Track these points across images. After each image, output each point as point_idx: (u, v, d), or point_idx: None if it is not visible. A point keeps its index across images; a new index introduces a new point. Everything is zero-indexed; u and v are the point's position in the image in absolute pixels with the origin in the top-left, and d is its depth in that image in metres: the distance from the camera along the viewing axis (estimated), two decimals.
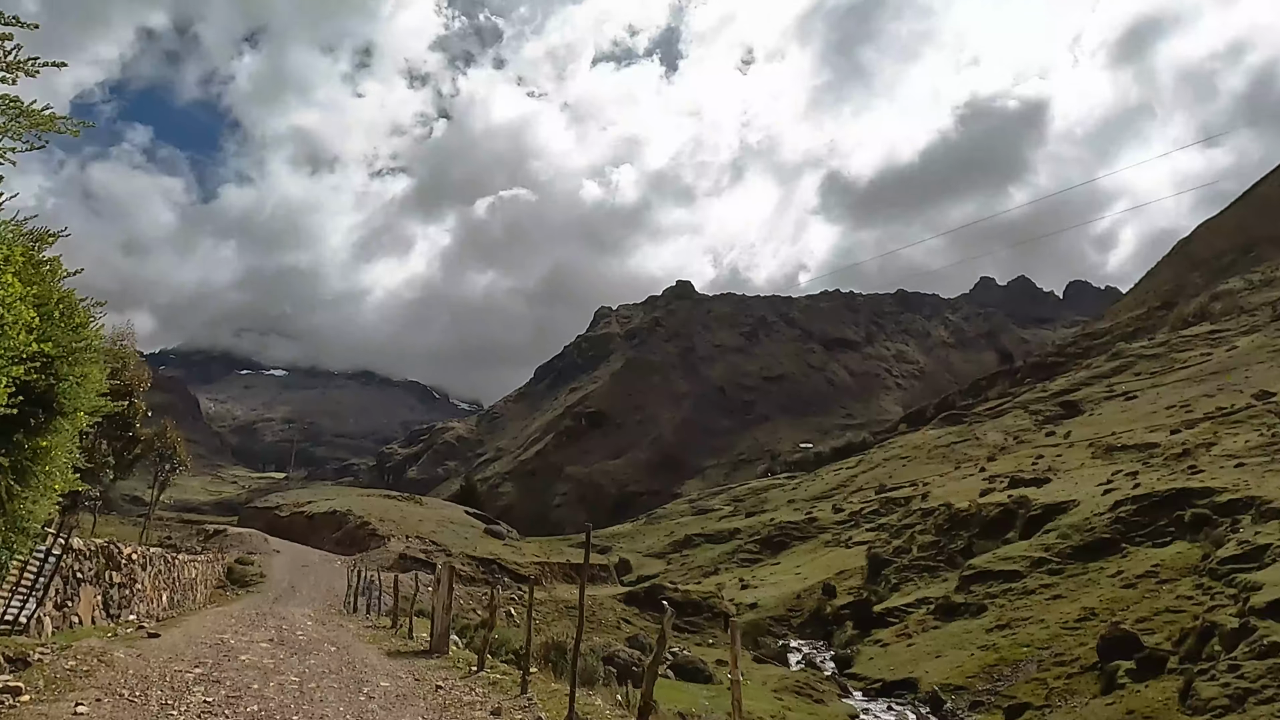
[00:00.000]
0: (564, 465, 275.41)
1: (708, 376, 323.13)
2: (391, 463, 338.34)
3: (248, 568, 37.80)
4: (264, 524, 58.57)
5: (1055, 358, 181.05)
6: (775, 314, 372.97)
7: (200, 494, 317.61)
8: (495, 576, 40.80)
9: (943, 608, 35.29)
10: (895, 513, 74.98)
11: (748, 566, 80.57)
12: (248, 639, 15.17)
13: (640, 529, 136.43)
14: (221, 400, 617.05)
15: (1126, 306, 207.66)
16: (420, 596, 22.22)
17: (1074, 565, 32.97)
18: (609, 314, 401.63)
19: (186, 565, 26.75)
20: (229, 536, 46.84)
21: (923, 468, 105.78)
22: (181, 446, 46.18)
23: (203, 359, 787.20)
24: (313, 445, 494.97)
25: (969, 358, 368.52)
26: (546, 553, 52.84)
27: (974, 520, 47.55)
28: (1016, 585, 33.33)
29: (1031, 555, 35.10)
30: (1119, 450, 67.49)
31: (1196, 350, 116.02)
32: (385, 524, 50.30)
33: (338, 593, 34.55)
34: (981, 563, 36.75)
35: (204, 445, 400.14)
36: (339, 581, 37.52)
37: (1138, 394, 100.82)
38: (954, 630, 32.46)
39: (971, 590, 34.89)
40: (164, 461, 45.83)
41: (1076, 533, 34.91)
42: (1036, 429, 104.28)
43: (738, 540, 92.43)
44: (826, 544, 78.07)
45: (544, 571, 43.87)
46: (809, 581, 61.90)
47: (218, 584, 34.32)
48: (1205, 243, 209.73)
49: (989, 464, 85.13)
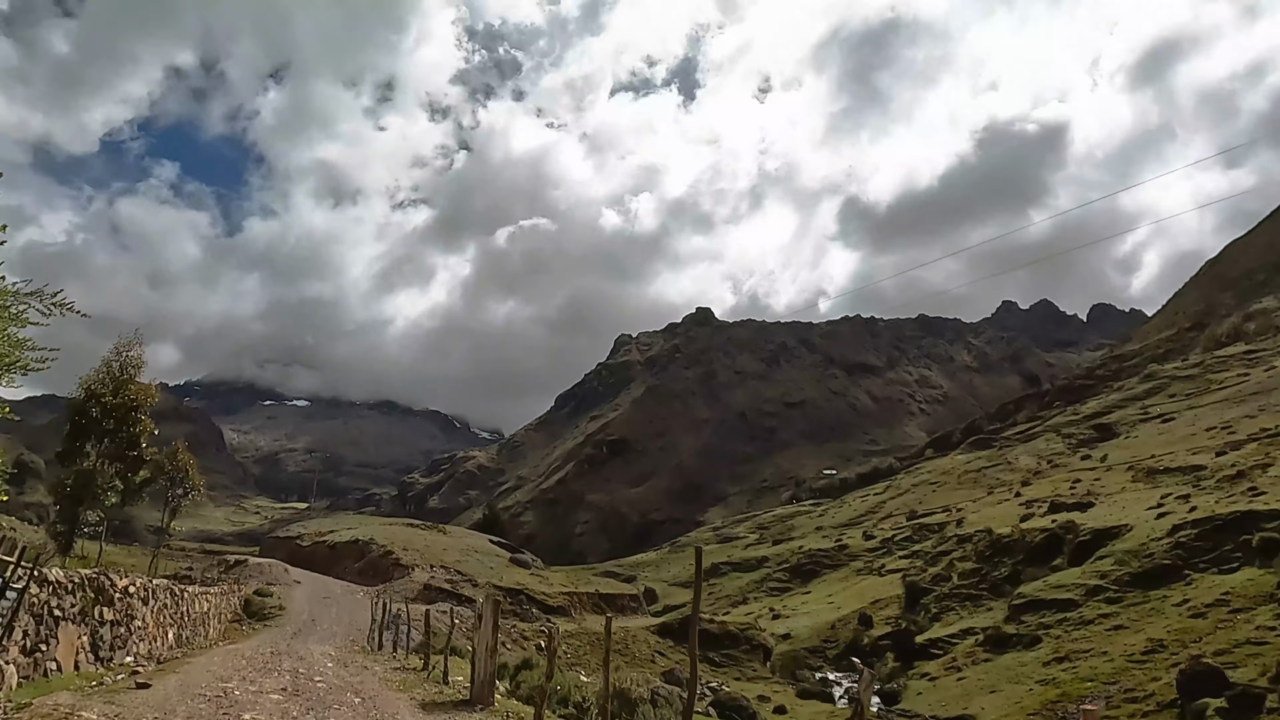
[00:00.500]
0: (585, 493, 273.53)
1: (729, 403, 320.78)
2: (413, 492, 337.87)
3: (266, 599, 36.11)
4: (285, 554, 57.47)
5: (1084, 380, 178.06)
6: (796, 339, 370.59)
7: (223, 524, 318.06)
8: (524, 608, 39.36)
9: (993, 639, 33.47)
10: (929, 539, 72.86)
11: (777, 595, 78.58)
12: (256, 688, 13.39)
13: (665, 557, 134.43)
14: (245, 431, 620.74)
15: (1155, 328, 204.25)
16: (448, 629, 20.65)
17: (1134, 593, 31.14)
18: (629, 341, 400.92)
19: (197, 598, 24.76)
20: (248, 567, 45.02)
21: (953, 493, 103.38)
22: (194, 470, 44.25)
23: (226, 390, 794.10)
24: (335, 475, 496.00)
25: (993, 382, 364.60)
26: (574, 582, 51.30)
27: (1017, 546, 45.68)
28: (1072, 615, 31.52)
29: (1086, 583, 33.30)
30: (1162, 473, 65.21)
31: (1233, 371, 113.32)
32: (409, 553, 48.95)
33: (360, 627, 32.63)
34: (1032, 591, 34.94)
35: (228, 476, 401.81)
36: (362, 614, 35.79)
37: (1175, 416, 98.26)
38: (1007, 663, 30.68)
39: (1023, 620, 33.08)
40: (175, 486, 43.57)
41: (1134, 559, 33.08)
42: (1070, 452, 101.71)
43: (766, 568, 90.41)
44: (858, 572, 75.97)
45: (572, 602, 42.41)
46: (843, 611, 59.97)
47: (233, 618, 32.32)
48: (1235, 262, 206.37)
49: (1024, 489, 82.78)
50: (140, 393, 33.20)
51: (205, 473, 58.35)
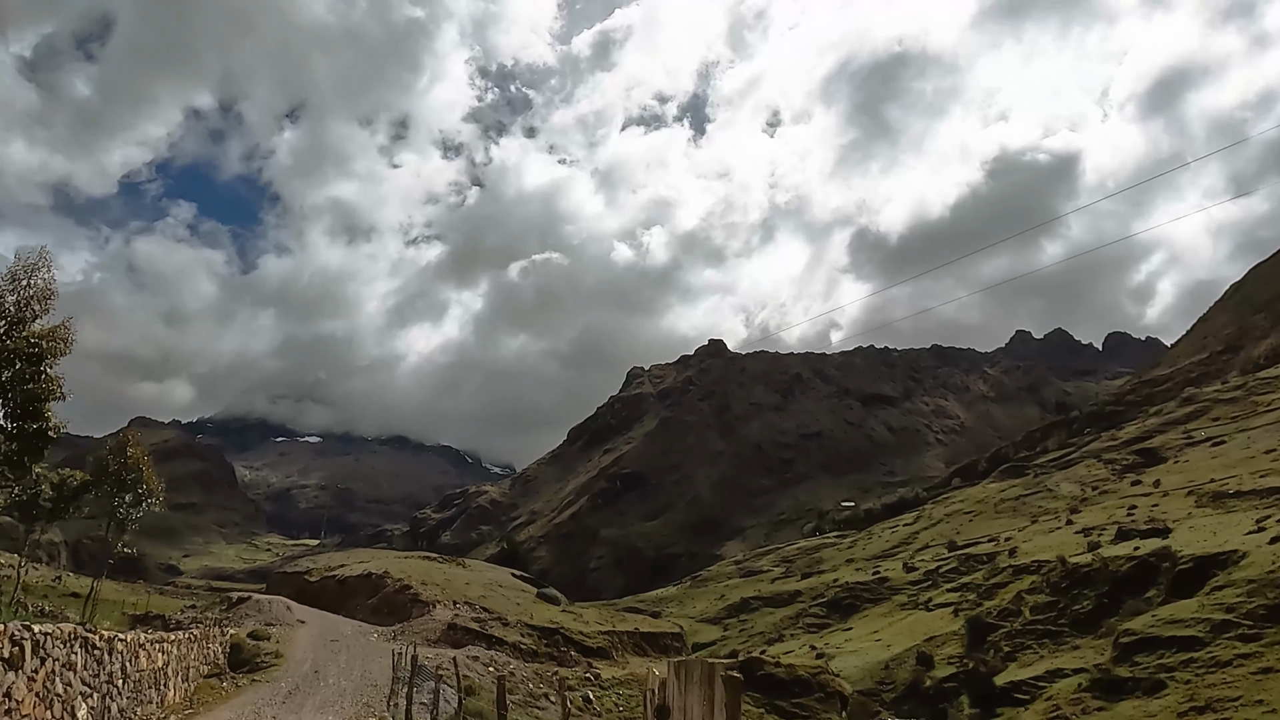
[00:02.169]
0: (599, 528, 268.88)
1: (744, 435, 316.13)
2: (425, 527, 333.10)
3: (261, 644, 29.80)
4: (293, 590, 53.12)
5: (1114, 406, 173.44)
6: (810, 370, 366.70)
7: (235, 562, 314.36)
8: (560, 650, 34.99)
9: (1102, 683, 29.08)
10: (978, 570, 68.12)
11: (815, 632, 73.77)
12: None
13: (687, 592, 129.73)
14: (257, 468, 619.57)
15: (1184, 352, 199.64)
16: (496, 687, 15.40)
17: (1274, 629, 26.91)
18: (642, 374, 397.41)
19: (144, 649, 17.41)
20: (248, 604, 39.48)
21: (992, 522, 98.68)
22: (151, 472, 35.65)
23: (239, 427, 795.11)
24: (346, 511, 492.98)
25: (1011, 412, 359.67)
26: (610, 621, 46.79)
27: (1100, 577, 41.22)
28: (1200, 655, 27.21)
29: (1209, 617, 29.00)
30: (1233, 497, 60.80)
31: (1279, 393, 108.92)
32: (429, 588, 44.52)
33: (376, 681, 25.95)
34: (1142, 627, 30.59)
35: (239, 513, 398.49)
36: (378, 663, 29.41)
37: (1225, 439, 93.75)
38: (1128, 713, 26.36)
39: (1136, 661, 28.78)
40: (123, 491, 34.07)
41: (1267, 589, 28.84)
42: (1116, 478, 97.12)
43: (800, 603, 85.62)
44: (902, 606, 71.19)
45: (613, 643, 37.98)
46: (894, 649, 55.31)
47: (212, 671, 25.30)
48: (1263, 286, 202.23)
49: (1074, 516, 78.17)
50: (49, 338, 22.34)
51: (217, 510, 53.74)
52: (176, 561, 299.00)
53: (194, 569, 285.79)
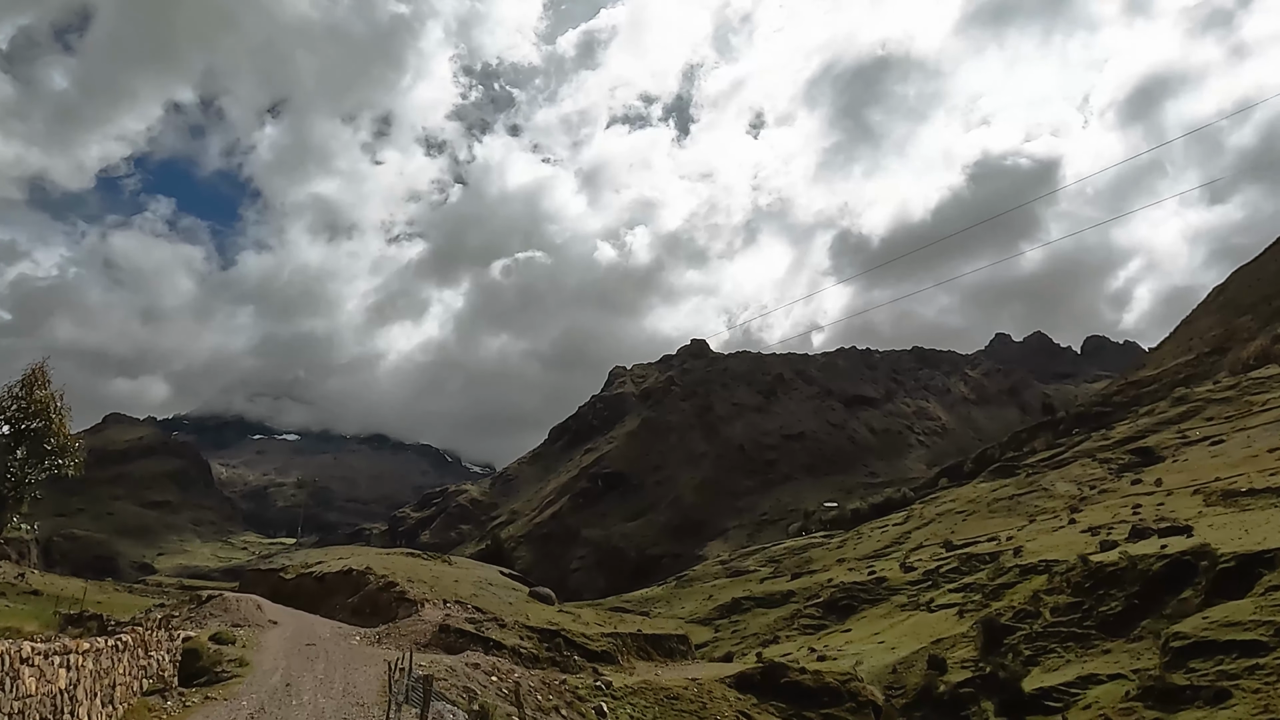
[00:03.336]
0: (580, 528, 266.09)
1: (727, 436, 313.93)
2: (404, 526, 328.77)
3: (224, 649, 24.37)
4: (267, 589, 49.70)
5: (1101, 408, 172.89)
6: (793, 371, 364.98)
7: (210, 560, 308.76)
8: (563, 654, 32.14)
9: (1155, 691, 26.79)
10: (981, 570, 66.08)
11: (813, 634, 71.35)
12: None
13: (674, 592, 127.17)
14: (234, 466, 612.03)
15: (1170, 354, 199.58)
16: (486, 689, 12.69)
17: None
18: (624, 374, 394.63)
19: (37, 666, 12.36)
20: (213, 603, 34.98)
21: (987, 521, 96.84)
22: (64, 422, 30.25)
23: (216, 424, 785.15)
24: (324, 510, 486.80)
25: (992, 414, 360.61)
26: (610, 622, 43.94)
27: (1126, 577, 39.04)
28: (1267, 661, 24.99)
29: (1271, 620, 26.80)
30: (1245, 495, 59.14)
31: (1274, 392, 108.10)
32: (416, 586, 41.42)
33: (360, 696, 21.23)
34: (1193, 630, 28.34)
35: (216, 511, 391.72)
36: (362, 672, 24.58)
37: (1223, 438, 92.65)
38: None
39: (1192, 668, 26.51)
40: (19, 444, 28.16)
41: None
42: (1114, 477, 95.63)
43: (794, 604, 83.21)
44: (902, 607, 68.95)
45: (617, 646, 35.09)
46: (900, 652, 53.08)
47: (153, 686, 19.67)
48: (1246, 288, 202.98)
49: (1076, 515, 76.38)
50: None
51: (193, 508, 49.37)
52: (150, 560, 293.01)
53: (169, 567, 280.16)
